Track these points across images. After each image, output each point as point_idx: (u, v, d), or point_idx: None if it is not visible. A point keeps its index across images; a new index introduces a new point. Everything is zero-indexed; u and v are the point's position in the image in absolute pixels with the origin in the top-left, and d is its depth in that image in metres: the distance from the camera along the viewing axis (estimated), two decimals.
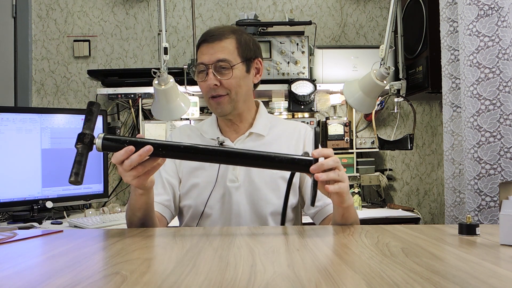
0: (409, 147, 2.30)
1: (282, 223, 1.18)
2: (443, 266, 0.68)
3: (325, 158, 0.98)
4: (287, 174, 1.33)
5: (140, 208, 1.12)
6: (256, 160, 0.99)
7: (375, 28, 2.73)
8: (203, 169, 1.32)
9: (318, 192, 1.29)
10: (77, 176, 0.93)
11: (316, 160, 0.97)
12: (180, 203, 1.35)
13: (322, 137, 2.49)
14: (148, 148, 0.95)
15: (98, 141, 0.96)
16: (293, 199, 1.32)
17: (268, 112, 1.47)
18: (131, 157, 0.96)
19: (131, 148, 0.96)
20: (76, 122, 2.22)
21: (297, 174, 1.34)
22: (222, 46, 1.27)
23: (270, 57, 2.34)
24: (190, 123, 2.37)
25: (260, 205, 1.29)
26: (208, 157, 1.00)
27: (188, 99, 2.03)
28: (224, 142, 1.34)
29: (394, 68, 2.31)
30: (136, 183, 1.00)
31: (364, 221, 2.03)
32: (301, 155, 1.00)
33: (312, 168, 0.96)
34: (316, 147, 1.00)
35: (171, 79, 1.90)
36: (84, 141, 0.96)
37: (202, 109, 2.45)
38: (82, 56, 2.67)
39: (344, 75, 2.39)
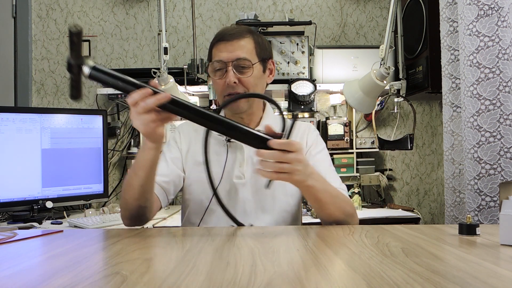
0: (409, 147, 2.30)
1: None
2: (443, 266, 0.68)
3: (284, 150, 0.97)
4: None
5: (143, 166, 1.06)
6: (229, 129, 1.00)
7: (375, 28, 2.73)
8: (209, 164, 1.31)
9: None
10: (74, 97, 0.97)
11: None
12: (185, 195, 1.35)
13: (322, 137, 2.48)
14: (166, 96, 0.95)
15: (86, 69, 0.95)
16: (291, 200, 1.32)
17: None
18: (147, 100, 0.94)
19: (149, 91, 0.94)
20: (76, 122, 2.22)
21: None
22: (241, 45, 1.28)
23: None
24: None
25: (267, 202, 1.29)
26: (197, 118, 0.99)
27: (188, 99, 2.03)
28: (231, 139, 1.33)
29: (394, 68, 2.31)
30: (144, 129, 0.98)
31: (364, 221, 2.03)
32: (264, 133, 1.00)
33: (259, 152, 0.97)
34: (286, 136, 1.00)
35: (171, 79, 1.90)
36: (73, 71, 0.95)
37: None
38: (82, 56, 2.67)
39: (344, 75, 2.39)
